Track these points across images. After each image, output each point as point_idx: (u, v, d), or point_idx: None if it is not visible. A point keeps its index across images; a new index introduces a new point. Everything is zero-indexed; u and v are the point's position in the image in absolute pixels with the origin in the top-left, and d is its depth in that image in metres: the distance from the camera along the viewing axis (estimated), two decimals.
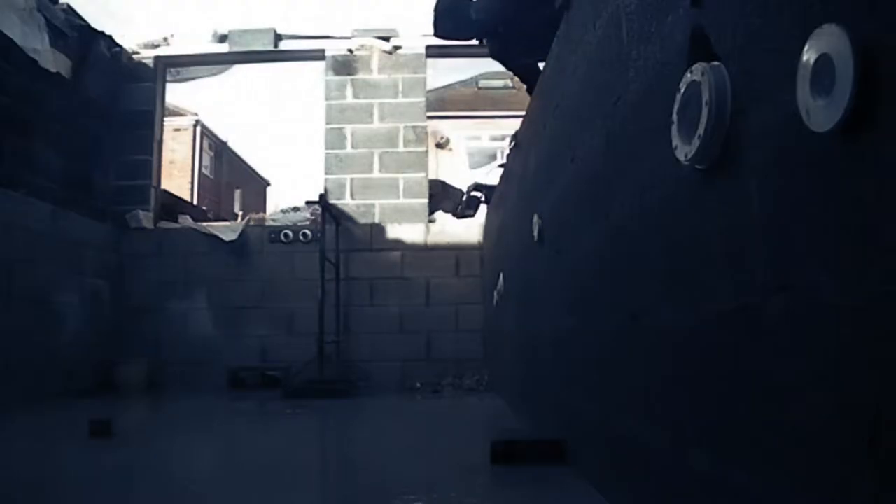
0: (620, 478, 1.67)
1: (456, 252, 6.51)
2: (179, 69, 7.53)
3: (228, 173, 22.60)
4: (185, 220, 6.91)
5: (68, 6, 6.24)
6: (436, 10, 3.47)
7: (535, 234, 2.85)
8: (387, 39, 6.88)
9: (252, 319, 6.43)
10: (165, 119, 7.40)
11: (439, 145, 15.51)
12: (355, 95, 6.83)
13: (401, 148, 6.76)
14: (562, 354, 2.46)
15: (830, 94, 0.74)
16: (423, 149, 6.84)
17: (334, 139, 6.77)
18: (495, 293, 4.75)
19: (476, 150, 15.60)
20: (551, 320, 2.68)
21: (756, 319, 0.95)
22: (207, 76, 8.05)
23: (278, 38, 6.95)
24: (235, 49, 6.97)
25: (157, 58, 6.94)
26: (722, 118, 1.05)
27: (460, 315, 6.38)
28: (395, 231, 6.57)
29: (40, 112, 5.57)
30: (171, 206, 7.56)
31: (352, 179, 6.70)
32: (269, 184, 26.82)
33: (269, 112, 47.31)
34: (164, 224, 6.77)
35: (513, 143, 4.00)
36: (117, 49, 6.79)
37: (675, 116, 1.21)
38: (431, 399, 5.41)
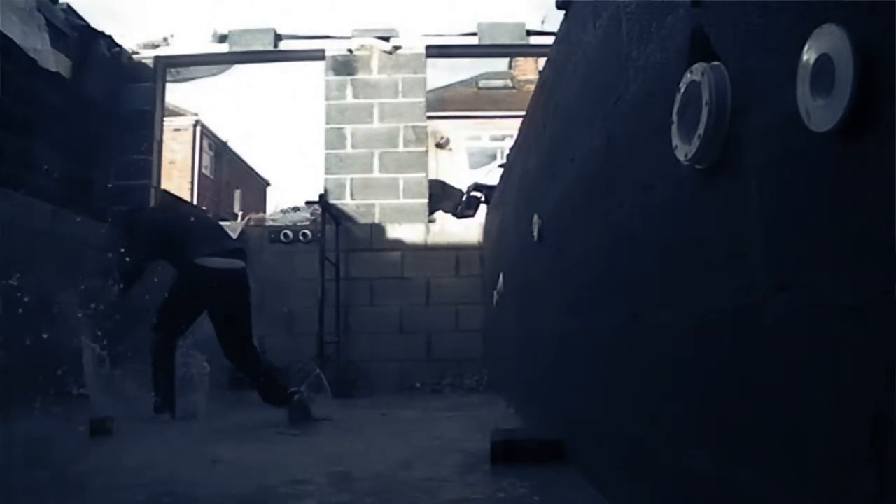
0: (620, 478, 1.67)
1: (456, 252, 6.50)
2: (179, 69, 7.53)
3: (228, 173, 22.60)
4: None
5: (68, 6, 6.24)
6: None
7: (536, 233, 2.85)
8: (387, 39, 6.88)
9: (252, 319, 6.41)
10: (165, 119, 7.40)
11: (439, 145, 15.51)
12: (355, 95, 6.83)
13: (401, 148, 6.76)
14: (562, 354, 2.46)
15: (830, 94, 0.74)
16: (423, 149, 6.84)
17: (334, 139, 6.77)
18: (495, 293, 4.75)
19: (476, 150, 15.61)
20: (551, 320, 2.68)
21: (756, 319, 0.95)
22: (207, 76, 8.05)
23: (278, 38, 6.94)
24: (235, 49, 6.97)
25: (157, 58, 6.93)
26: (722, 118, 1.05)
27: (460, 315, 6.37)
28: (395, 231, 6.57)
29: (40, 112, 5.56)
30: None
31: (352, 179, 6.70)
32: (269, 184, 26.82)
33: (269, 112, 47.35)
34: None
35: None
36: (117, 49, 6.79)
37: (675, 116, 1.21)
38: (431, 399, 5.41)
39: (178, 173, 17.78)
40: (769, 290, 0.91)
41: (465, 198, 7.71)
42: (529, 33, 6.95)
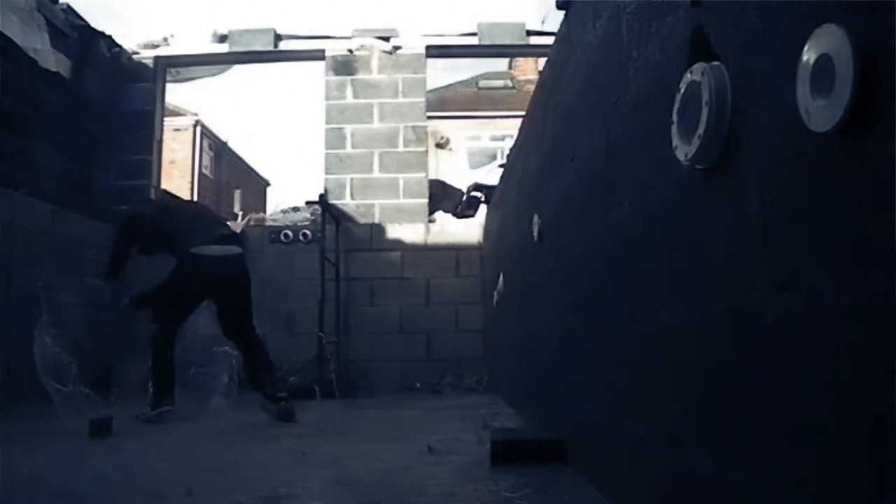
0: (620, 478, 1.67)
1: (456, 252, 6.50)
2: (179, 69, 7.53)
3: (228, 173, 22.59)
4: None
5: (68, 6, 6.24)
6: None
7: (535, 233, 2.85)
8: (387, 39, 6.87)
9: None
10: (165, 119, 7.40)
11: (439, 145, 15.52)
12: (355, 95, 6.83)
13: (401, 148, 6.76)
14: (562, 354, 2.46)
15: (830, 94, 0.74)
16: (423, 149, 6.84)
17: (334, 139, 6.77)
18: (495, 293, 4.75)
19: (476, 150, 15.62)
20: (551, 320, 2.68)
21: (756, 319, 0.95)
22: (207, 76, 8.05)
23: (278, 38, 6.95)
24: (235, 49, 6.97)
25: (157, 58, 6.94)
26: (722, 118, 1.05)
27: (460, 315, 6.38)
28: (395, 231, 6.57)
29: (40, 112, 5.56)
30: None
31: (352, 179, 6.70)
32: (269, 184, 26.81)
33: (269, 112, 47.36)
34: None
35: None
36: (117, 49, 6.79)
37: (675, 116, 1.21)
38: (431, 399, 5.41)
39: (178, 173, 17.78)
40: (769, 290, 0.91)
41: (465, 198, 7.71)
42: (529, 33, 6.95)
